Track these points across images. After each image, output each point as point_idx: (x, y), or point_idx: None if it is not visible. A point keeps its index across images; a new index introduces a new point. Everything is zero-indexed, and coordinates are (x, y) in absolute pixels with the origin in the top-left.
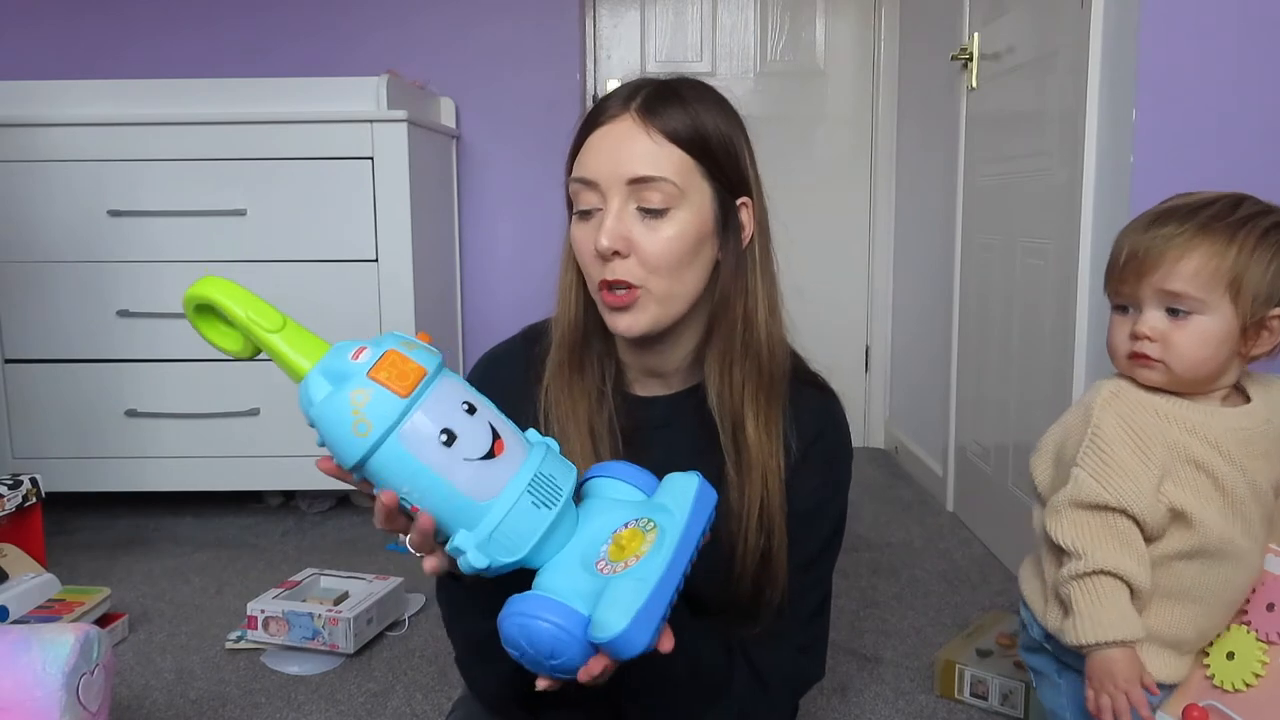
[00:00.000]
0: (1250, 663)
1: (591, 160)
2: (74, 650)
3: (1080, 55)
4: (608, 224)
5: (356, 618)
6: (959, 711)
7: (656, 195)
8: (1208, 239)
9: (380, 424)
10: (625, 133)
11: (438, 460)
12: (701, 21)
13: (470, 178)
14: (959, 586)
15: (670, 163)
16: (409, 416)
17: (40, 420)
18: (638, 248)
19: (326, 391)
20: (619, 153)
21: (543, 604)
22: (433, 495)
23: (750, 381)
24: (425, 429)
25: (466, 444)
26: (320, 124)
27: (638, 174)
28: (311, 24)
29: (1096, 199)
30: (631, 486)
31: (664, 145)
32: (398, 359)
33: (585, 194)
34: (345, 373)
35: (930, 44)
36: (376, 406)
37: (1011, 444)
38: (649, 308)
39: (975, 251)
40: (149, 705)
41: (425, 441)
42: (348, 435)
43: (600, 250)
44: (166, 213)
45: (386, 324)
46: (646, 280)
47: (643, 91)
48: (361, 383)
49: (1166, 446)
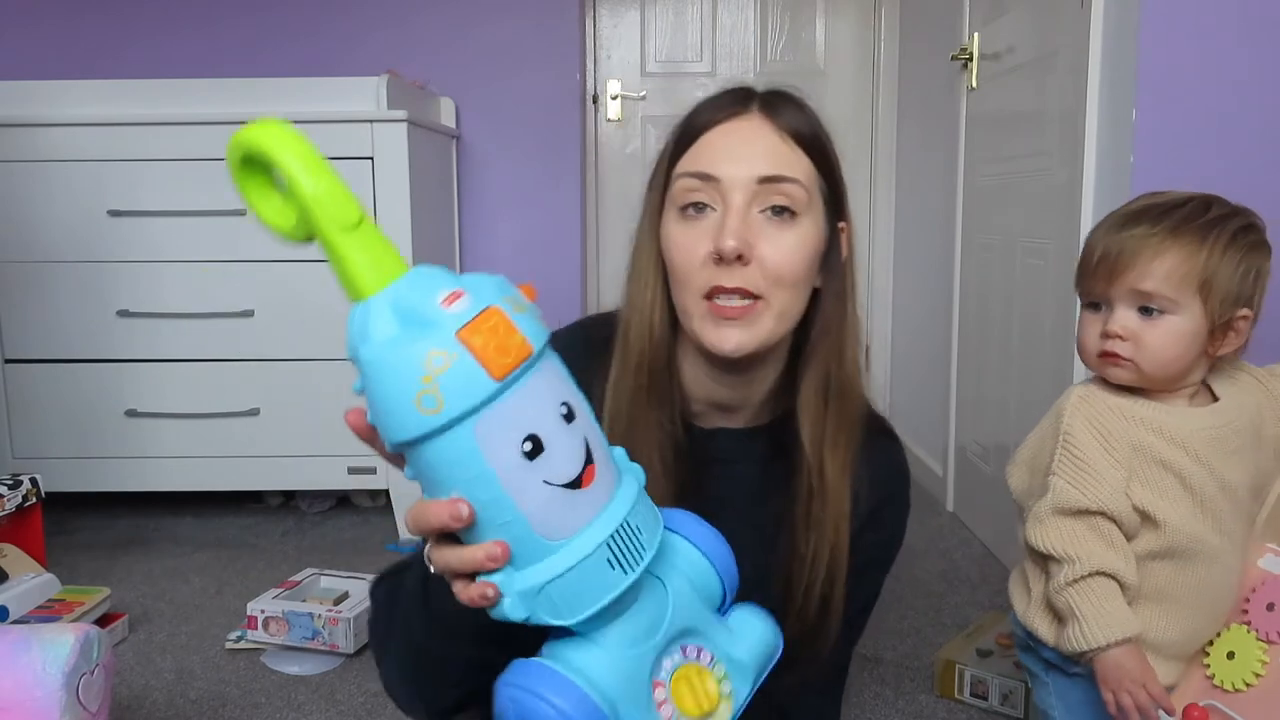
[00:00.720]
0: (1250, 662)
1: (714, 155)
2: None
3: (1080, 55)
4: (731, 224)
5: (356, 618)
6: (959, 711)
7: (786, 197)
8: (1180, 241)
9: (456, 405)
10: (754, 130)
11: (512, 473)
12: (701, 21)
13: (470, 178)
14: (959, 586)
15: (801, 167)
16: (494, 405)
17: (40, 420)
18: (760, 254)
19: (393, 334)
20: (751, 147)
21: (554, 682)
22: (491, 512)
23: (834, 422)
24: (509, 428)
25: (553, 462)
26: (320, 124)
27: (770, 172)
28: (311, 24)
29: (1096, 199)
30: (701, 555)
31: (794, 148)
32: (502, 323)
33: (700, 191)
34: (426, 318)
35: (930, 44)
36: (458, 380)
37: (1011, 444)
38: (764, 323)
39: (975, 251)
40: (149, 705)
41: (504, 445)
42: (408, 405)
43: (724, 251)
44: (166, 213)
45: None
46: (767, 291)
47: (757, 93)
48: (446, 342)
49: (1132, 448)
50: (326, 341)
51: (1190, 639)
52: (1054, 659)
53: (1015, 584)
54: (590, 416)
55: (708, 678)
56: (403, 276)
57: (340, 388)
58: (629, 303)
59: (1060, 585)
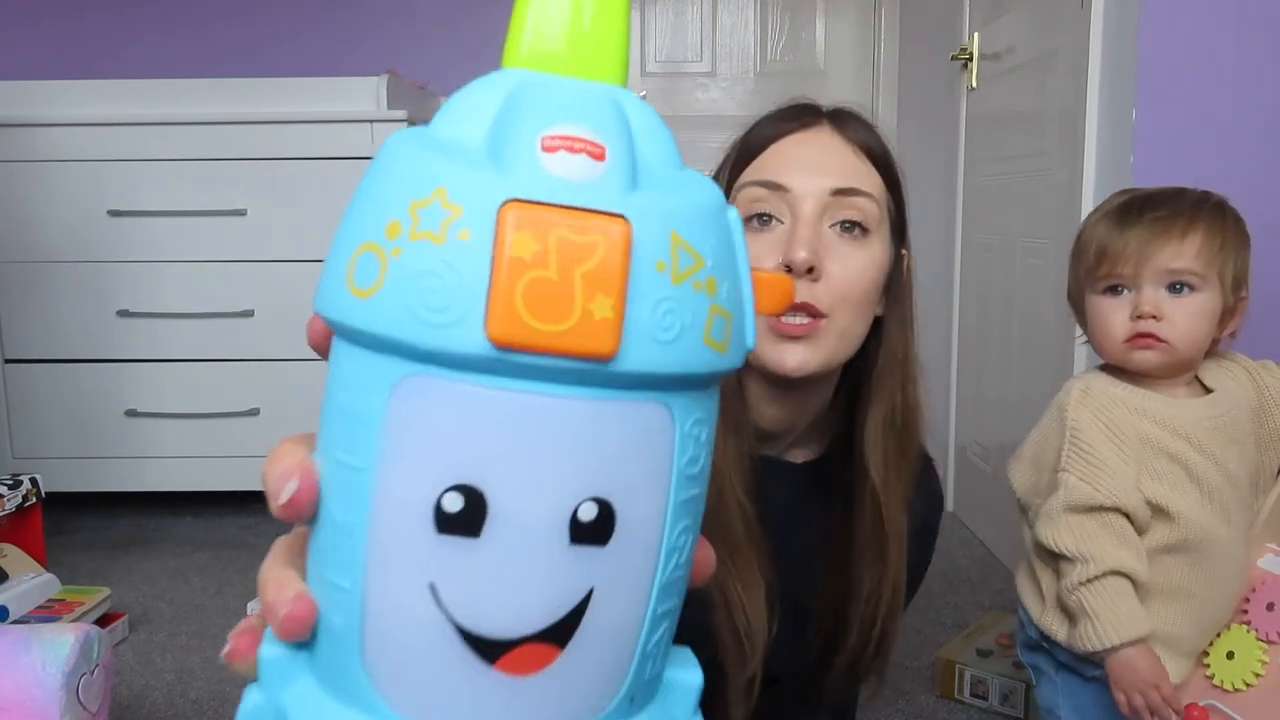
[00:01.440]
0: (1250, 662)
1: (784, 165)
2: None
3: (1080, 55)
4: (804, 235)
5: None
6: (959, 711)
7: (858, 211)
8: (1203, 220)
9: (386, 317)
10: (827, 142)
11: (396, 528)
12: (701, 21)
13: None
14: (959, 586)
15: (873, 181)
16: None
17: (40, 420)
18: (829, 269)
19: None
20: (822, 159)
21: None
22: (330, 544)
23: (895, 455)
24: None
25: (475, 575)
26: (320, 124)
27: (844, 184)
28: (311, 24)
29: (1096, 199)
30: None
31: (866, 163)
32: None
33: (768, 200)
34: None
35: (930, 44)
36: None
37: (1011, 444)
38: (828, 343)
39: (975, 251)
40: (149, 705)
41: (415, 465)
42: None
43: (795, 263)
44: (166, 213)
45: None
46: (832, 309)
47: (826, 108)
48: (475, 195)
49: (1139, 441)
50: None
51: (1203, 633)
52: (1068, 660)
53: (1024, 584)
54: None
55: None
56: (570, 78)
57: None
58: None
59: (1073, 585)
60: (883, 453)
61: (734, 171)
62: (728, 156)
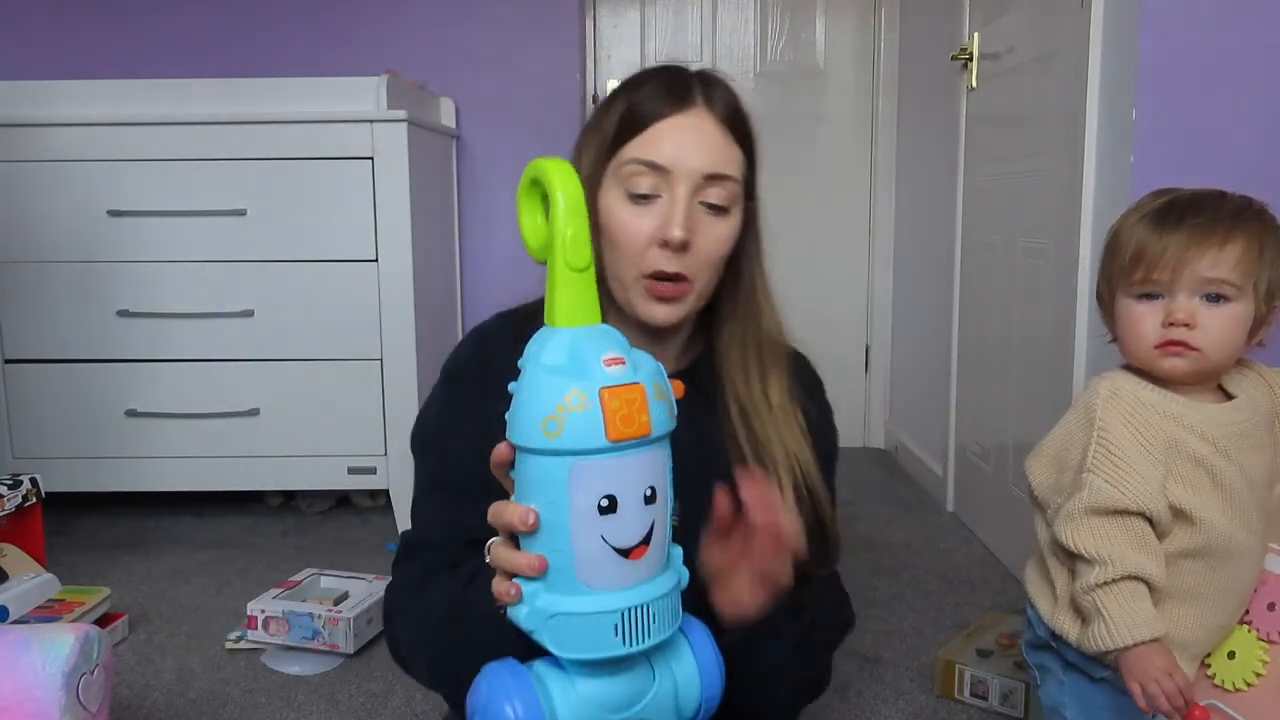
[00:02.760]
0: (1251, 662)
1: (666, 146)
2: (74, 650)
3: (1080, 55)
4: (679, 216)
5: (356, 618)
6: (959, 711)
7: (722, 193)
8: (1243, 229)
9: (568, 441)
10: (703, 125)
11: (582, 516)
12: (701, 21)
13: (470, 178)
14: (959, 586)
15: (736, 163)
16: (595, 458)
17: (40, 420)
18: (697, 243)
19: (558, 364)
20: (699, 144)
21: (529, 702)
22: (550, 536)
23: (759, 366)
24: (598, 482)
25: (617, 527)
26: (320, 124)
27: (715, 170)
28: (312, 24)
29: (1096, 199)
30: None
31: (732, 145)
32: (638, 399)
33: (649, 178)
34: (586, 366)
35: (930, 44)
36: (580, 424)
37: (1011, 444)
38: (690, 301)
39: (975, 251)
40: (149, 705)
41: (587, 492)
42: (535, 421)
43: (672, 240)
44: (166, 213)
45: (386, 324)
46: (697, 275)
47: (695, 82)
48: (589, 390)
49: (1167, 444)
50: (326, 341)
51: (1210, 637)
52: (1077, 661)
53: (1035, 582)
54: (668, 509)
55: None
56: (591, 325)
57: (340, 388)
58: None
59: (1089, 586)
60: (742, 368)
61: (619, 138)
62: (609, 116)
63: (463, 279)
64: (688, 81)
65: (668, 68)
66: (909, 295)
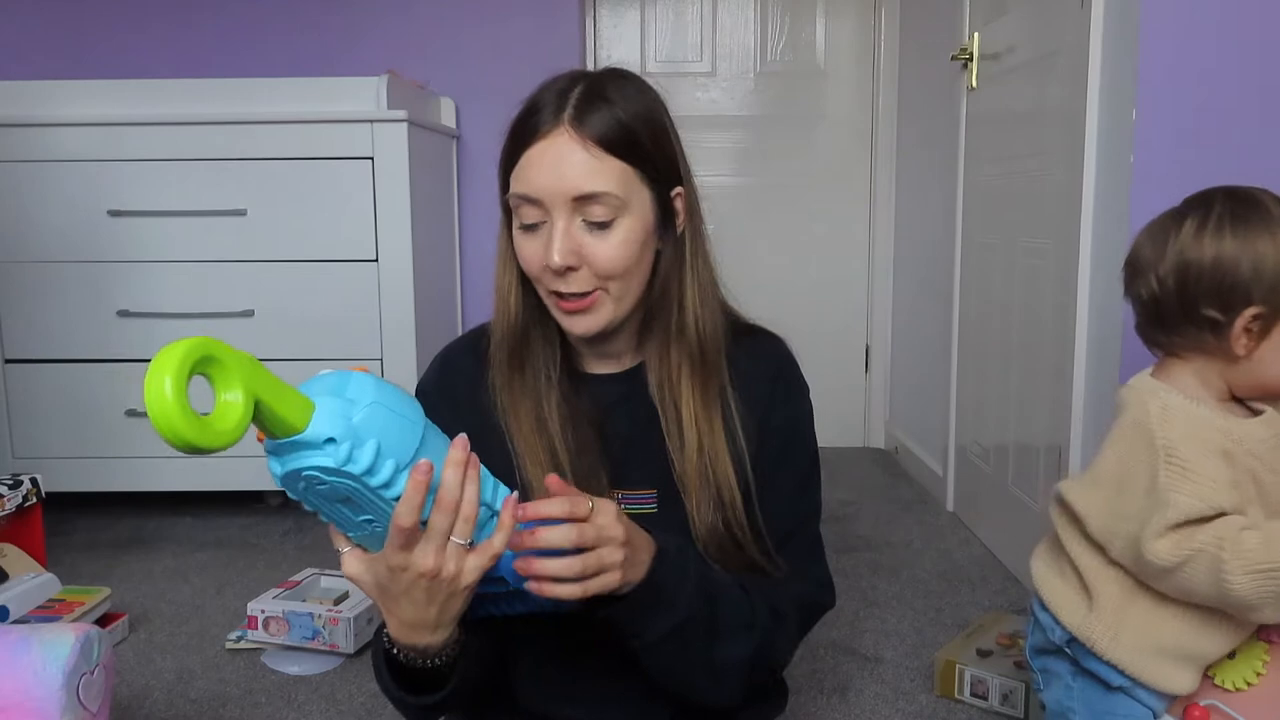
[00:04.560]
0: (1252, 662)
1: (533, 176)
2: (74, 650)
3: (1080, 55)
4: (557, 243)
5: (356, 617)
6: (959, 711)
7: (601, 209)
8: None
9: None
10: (563, 149)
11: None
12: (701, 21)
13: (470, 178)
14: (959, 586)
15: (611, 175)
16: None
17: (40, 420)
18: (589, 259)
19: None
20: (560, 170)
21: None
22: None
23: (686, 363)
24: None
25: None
26: (320, 124)
27: (582, 190)
28: (312, 24)
29: (1096, 199)
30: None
31: (603, 158)
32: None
33: (528, 209)
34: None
35: (930, 44)
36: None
37: (1011, 444)
38: (605, 308)
39: (975, 251)
40: (149, 705)
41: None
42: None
43: (554, 267)
44: (166, 213)
45: (387, 324)
46: (604, 285)
47: (571, 98)
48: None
49: (1222, 455)
50: (326, 341)
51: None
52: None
53: (1060, 591)
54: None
55: None
56: (311, 403)
57: None
58: (495, 288)
59: (1233, 572)
60: (661, 365)
61: (506, 164)
62: (504, 148)
63: (463, 279)
64: (565, 95)
65: (561, 77)
66: (909, 295)
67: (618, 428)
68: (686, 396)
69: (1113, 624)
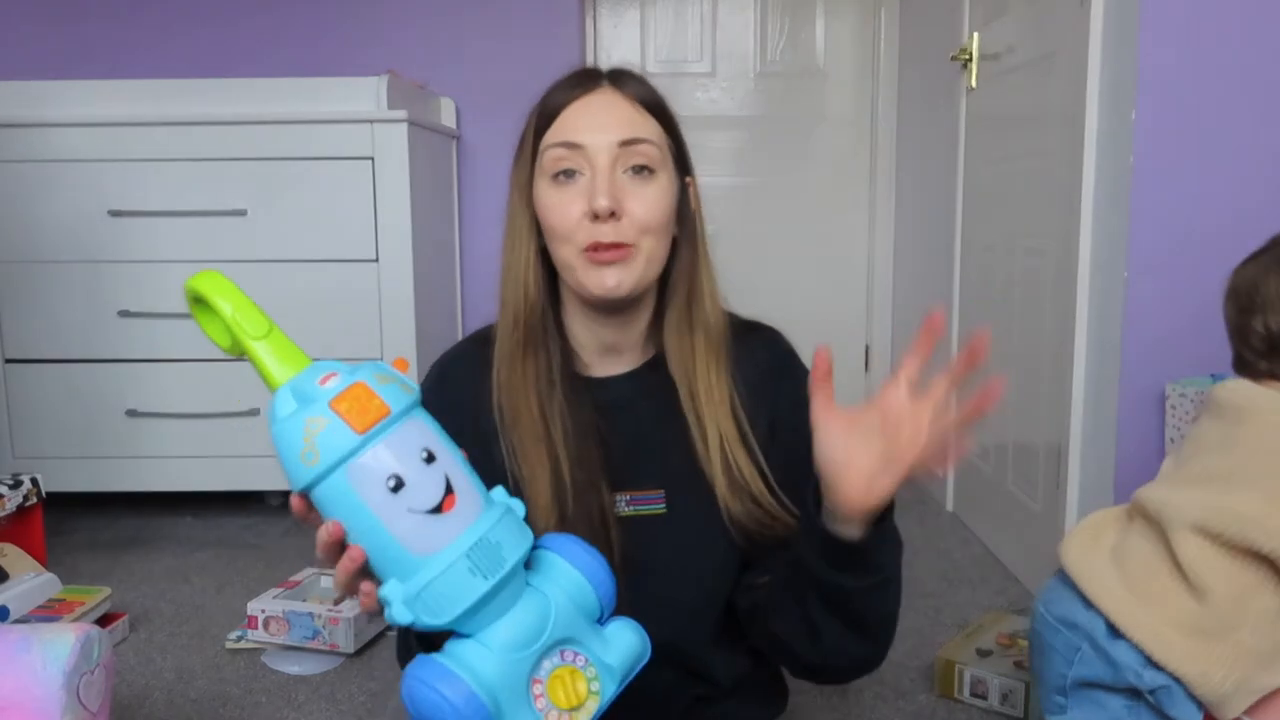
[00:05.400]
0: None
1: (577, 125)
2: (74, 650)
3: (1080, 55)
4: (601, 184)
5: (356, 617)
6: (959, 711)
7: (644, 156)
8: None
9: (328, 456)
10: (608, 100)
11: (381, 505)
12: (701, 22)
13: (470, 178)
14: (959, 586)
15: (652, 128)
16: (359, 454)
17: (40, 420)
18: (628, 209)
19: (289, 411)
20: (607, 117)
21: (444, 676)
22: (370, 538)
23: (703, 350)
24: (374, 470)
25: (415, 494)
26: (320, 124)
27: (629, 135)
28: (311, 24)
29: (1096, 199)
30: (580, 575)
31: (644, 114)
32: (363, 393)
33: (569, 158)
34: (309, 396)
35: (930, 44)
36: (329, 437)
37: (1011, 444)
38: (638, 265)
39: (975, 251)
40: (149, 705)
41: (372, 483)
42: (296, 460)
43: (599, 210)
44: (166, 213)
45: (387, 324)
46: (637, 239)
47: (604, 71)
48: (320, 410)
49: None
50: (326, 341)
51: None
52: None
53: (1154, 626)
54: (458, 459)
55: (579, 678)
56: (302, 368)
57: None
58: (505, 269)
59: None
60: (681, 354)
61: (537, 136)
62: (529, 125)
63: (463, 279)
64: (593, 71)
65: (571, 72)
66: (909, 295)
67: (623, 430)
68: (704, 384)
69: (1243, 663)
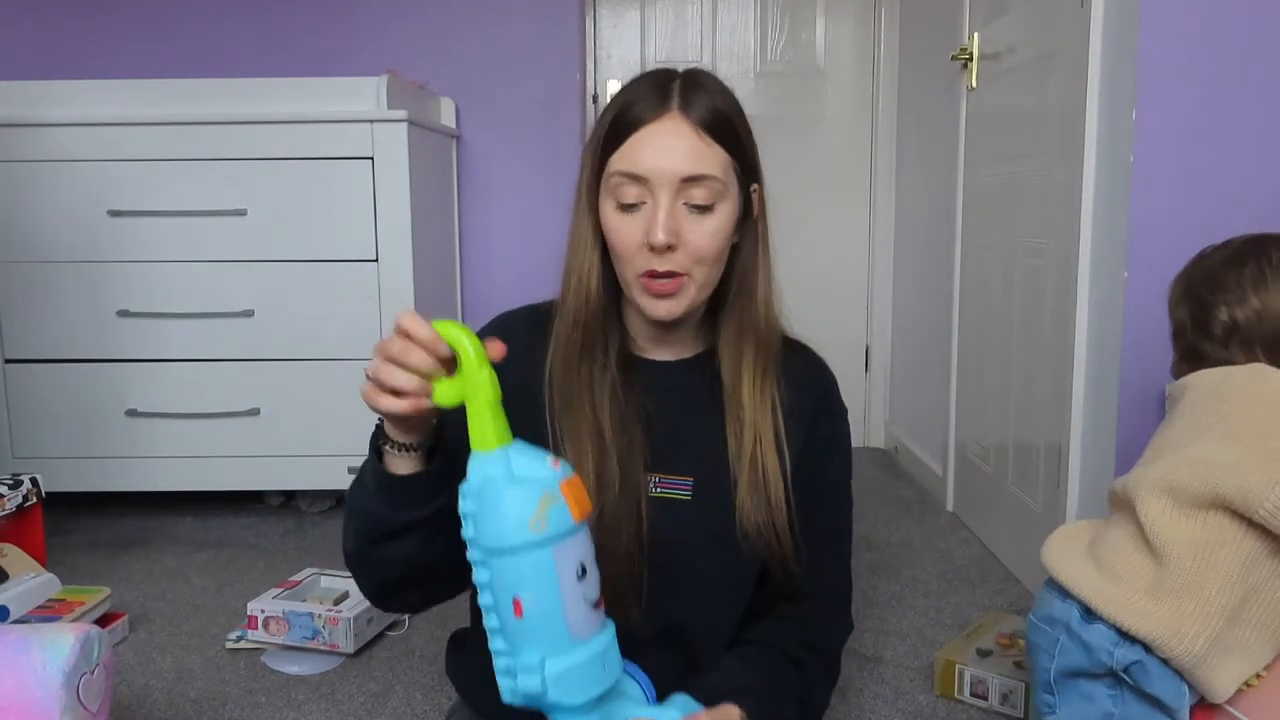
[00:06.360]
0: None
1: (643, 157)
2: (74, 650)
3: (1080, 55)
4: (662, 219)
5: (356, 617)
6: (959, 711)
7: (704, 192)
8: None
9: (552, 530)
10: (674, 131)
11: (568, 585)
12: (701, 21)
13: (470, 178)
14: (959, 586)
15: (716, 161)
16: (570, 537)
17: (40, 420)
18: (686, 242)
19: (519, 476)
20: (671, 151)
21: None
22: (544, 610)
23: (750, 352)
24: (574, 554)
25: (590, 585)
26: (320, 124)
27: (690, 173)
28: (311, 24)
29: (1096, 199)
30: (639, 690)
31: (710, 145)
32: (580, 486)
33: (631, 188)
34: (540, 475)
35: (930, 44)
36: (558, 514)
37: (1011, 444)
38: (689, 293)
39: (975, 251)
40: (149, 705)
41: (568, 565)
42: (522, 522)
43: (656, 244)
44: (166, 213)
45: (387, 324)
46: (691, 269)
47: (675, 88)
48: (554, 488)
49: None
50: (326, 341)
51: None
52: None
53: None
54: None
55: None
56: (514, 443)
57: (340, 388)
58: (568, 268)
59: None
60: (734, 356)
61: (605, 149)
62: (600, 131)
63: (463, 279)
64: (666, 87)
65: (654, 72)
66: (909, 295)
67: (666, 413)
68: (747, 382)
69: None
